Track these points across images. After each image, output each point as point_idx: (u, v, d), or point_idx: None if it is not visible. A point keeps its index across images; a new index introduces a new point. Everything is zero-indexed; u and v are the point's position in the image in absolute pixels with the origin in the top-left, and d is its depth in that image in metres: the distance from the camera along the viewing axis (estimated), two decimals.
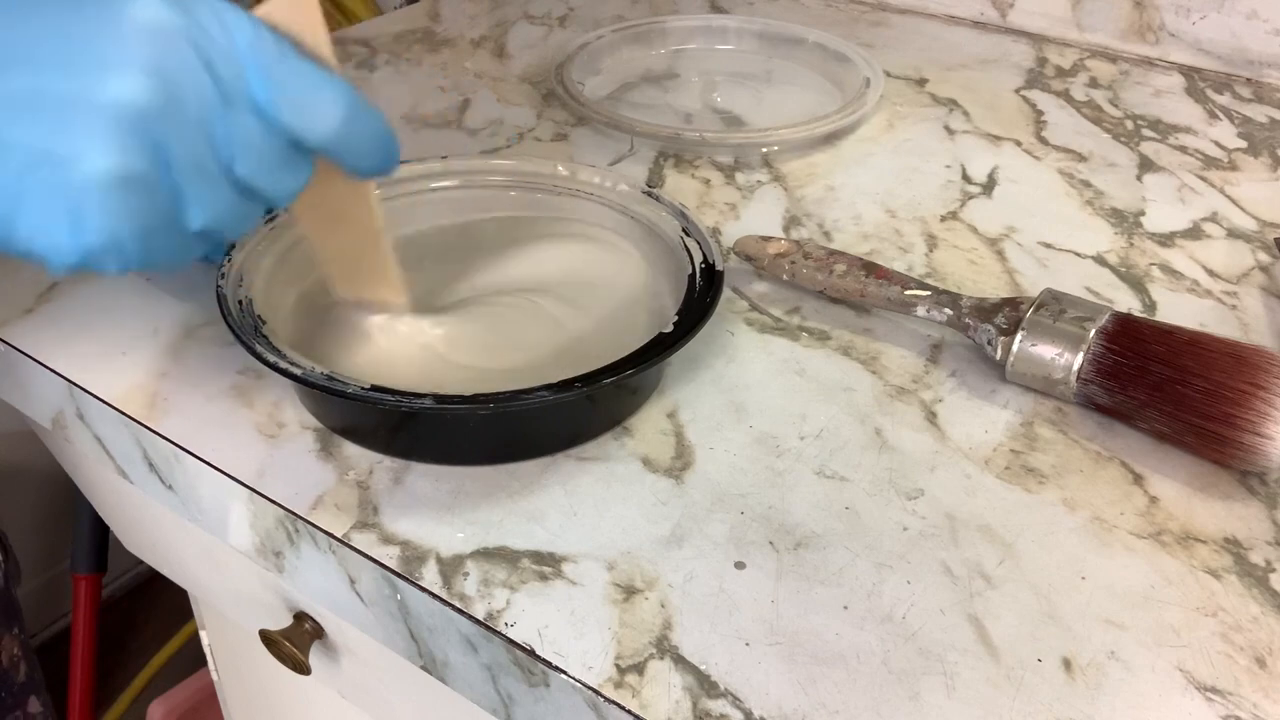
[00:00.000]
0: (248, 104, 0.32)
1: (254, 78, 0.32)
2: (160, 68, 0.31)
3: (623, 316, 0.47)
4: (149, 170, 0.31)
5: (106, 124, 0.30)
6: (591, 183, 0.52)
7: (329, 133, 0.34)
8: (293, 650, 0.49)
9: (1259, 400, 0.40)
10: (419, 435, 0.42)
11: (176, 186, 0.32)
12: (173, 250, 0.34)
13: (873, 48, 0.78)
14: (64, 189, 0.31)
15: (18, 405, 0.51)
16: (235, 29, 0.32)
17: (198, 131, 0.32)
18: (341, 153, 0.35)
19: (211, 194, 0.33)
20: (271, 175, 0.34)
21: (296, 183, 0.35)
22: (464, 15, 0.84)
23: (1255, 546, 0.39)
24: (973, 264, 0.54)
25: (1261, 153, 0.66)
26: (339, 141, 0.34)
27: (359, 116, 0.34)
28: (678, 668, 0.34)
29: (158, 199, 0.32)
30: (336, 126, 0.34)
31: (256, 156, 0.33)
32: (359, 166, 0.36)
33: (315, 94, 0.33)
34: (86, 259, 0.32)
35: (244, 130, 0.33)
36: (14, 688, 0.82)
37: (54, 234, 0.31)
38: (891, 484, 0.41)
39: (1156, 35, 0.78)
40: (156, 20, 0.31)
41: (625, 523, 0.39)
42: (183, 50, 0.31)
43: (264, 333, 0.41)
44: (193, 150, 0.32)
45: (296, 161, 0.34)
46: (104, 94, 0.30)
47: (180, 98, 0.31)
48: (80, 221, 0.31)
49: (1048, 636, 0.36)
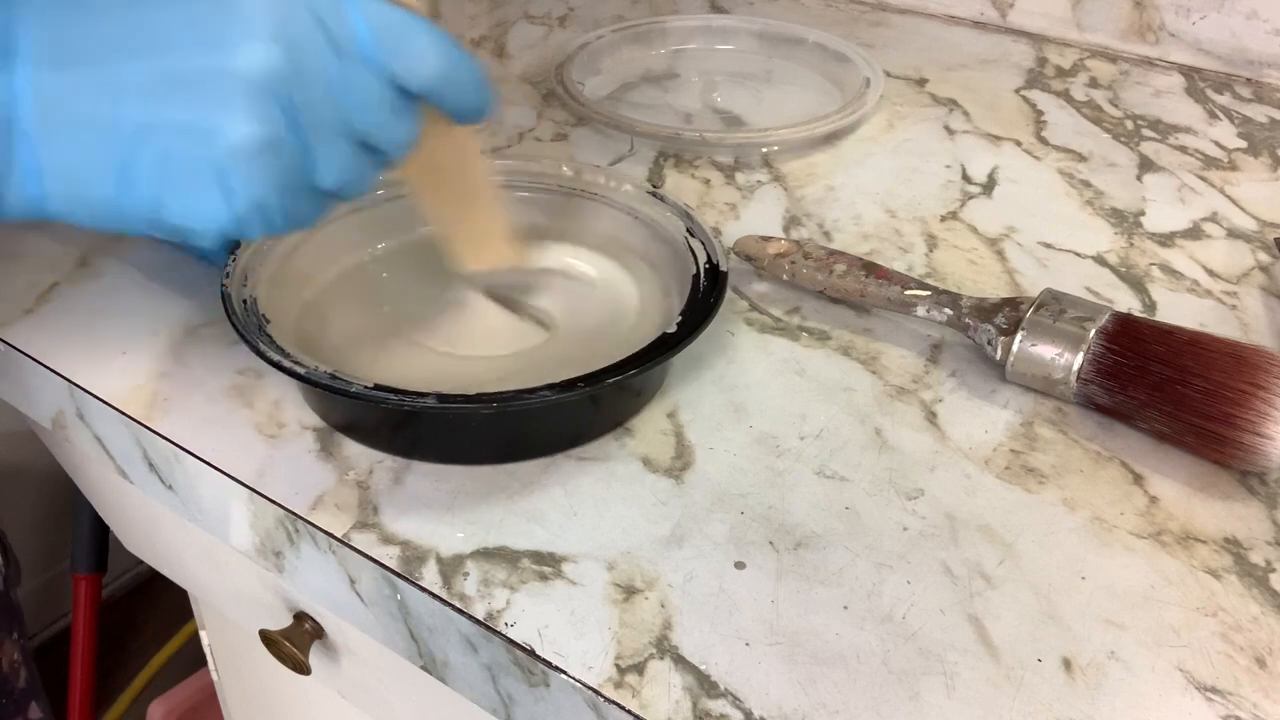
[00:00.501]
0: (359, 58, 0.34)
1: (361, 32, 0.34)
2: (282, 34, 0.32)
3: (626, 317, 0.47)
4: (284, 133, 0.33)
5: (242, 93, 0.32)
6: (596, 183, 0.52)
7: (432, 76, 0.35)
8: (293, 650, 0.49)
9: (1259, 400, 0.40)
10: (422, 434, 0.42)
11: (308, 146, 0.34)
12: (309, 210, 0.36)
13: (873, 48, 0.78)
14: (210, 161, 0.33)
15: (18, 405, 0.51)
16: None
17: (321, 89, 0.34)
18: (444, 95, 0.36)
19: (337, 151, 0.35)
20: (385, 123, 0.35)
21: (408, 131, 0.36)
22: (464, 15, 0.84)
23: (1255, 546, 0.39)
24: (973, 264, 0.54)
25: (1261, 153, 0.66)
26: (441, 84, 0.36)
27: (457, 60, 0.36)
28: (678, 668, 0.34)
29: (293, 160, 0.34)
30: (437, 70, 0.35)
31: (372, 106, 0.35)
32: (460, 108, 0.37)
33: (417, 41, 0.35)
34: (237, 225, 0.34)
35: (359, 82, 0.34)
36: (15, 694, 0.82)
37: (205, 205, 0.33)
38: (891, 484, 0.41)
39: (1156, 35, 0.78)
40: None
41: (625, 523, 0.39)
42: (300, 15, 0.33)
43: (268, 332, 0.41)
44: (318, 108, 0.34)
45: (405, 109, 0.36)
46: (236, 65, 0.32)
47: (303, 59, 0.33)
48: (229, 189, 0.33)
49: (1048, 636, 0.36)
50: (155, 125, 0.32)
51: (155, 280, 0.51)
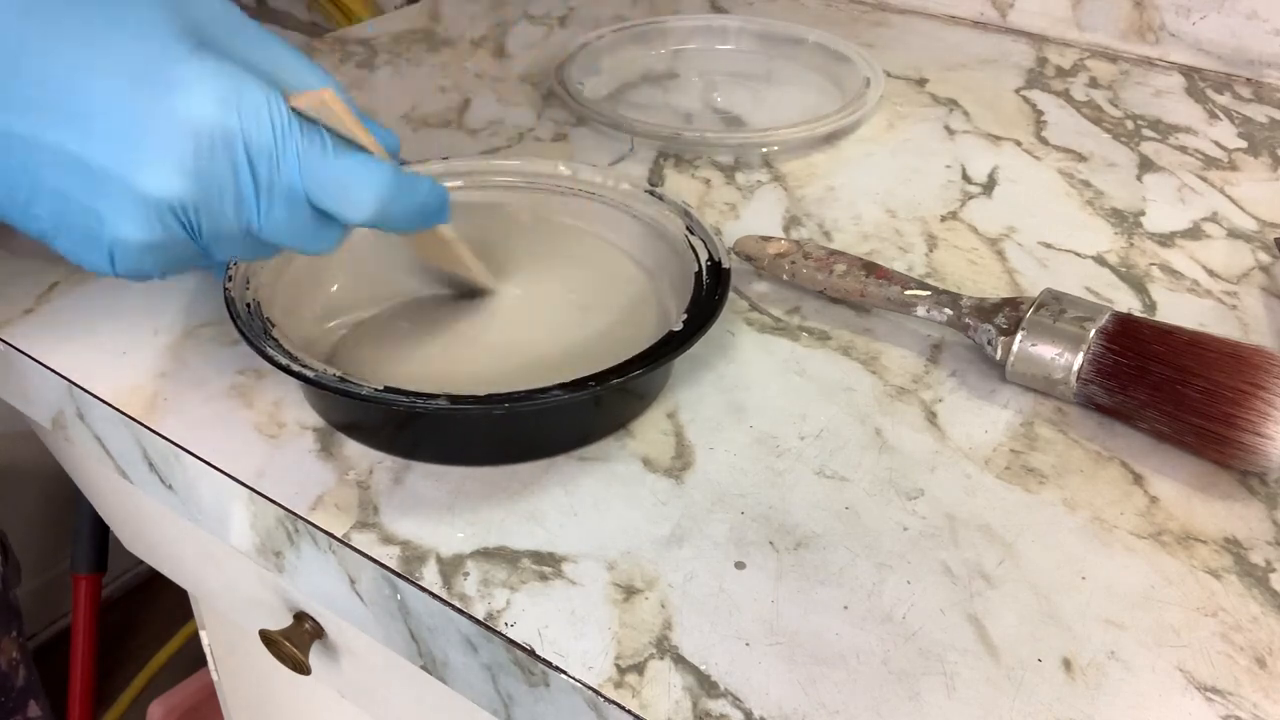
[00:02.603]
0: (284, 193, 0.34)
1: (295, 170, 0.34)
2: (200, 169, 0.33)
3: (629, 316, 0.47)
4: (174, 240, 0.34)
5: (138, 207, 0.33)
6: (594, 182, 0.52)
7: (367, 217, 0.36)
8: (293, 650, 0.49)
9: (1259, 400, 0.40)
10: (429, 435, 0.42)
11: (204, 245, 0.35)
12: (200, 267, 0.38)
13: (873, 48, 0.78)
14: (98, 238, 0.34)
15: (18, 405, 0.51)
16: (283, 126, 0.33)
17: (230, 216, 0.34)
18: (383, 226, 0.37)
19: (236, 248, 0.36)
20: (303, 242, 0.36)
21: (326, 247, 0.37)
22: (464, 15, 0.84)
23: (1255, 546, 0.39)
24: (973, 264, 0.54)
25: (1261, 153, 0.66)
26: (378, 220, 0.36)
27: (397, 197, 0.36)
28: (678, 668, 0.34)
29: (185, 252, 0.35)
30: (374, 211, 0.36)
31: (288, 231, 0.35)
32: (405, 230, 0.38)
33: (353, 186, 0.35)
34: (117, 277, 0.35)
35: (279, 213, 0.35)
36: (13, 691, 0.82)
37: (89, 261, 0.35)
38: (891, 484, 0.41)
39: (1156, 35, 0.78)
40: (205, 120, 0.32)
41: (625, 523, 0.39)
42: (226, 151, 0.33)
43: (274, 335, 0.41)
44: (223, 227, 0.35)
45: (330, 230, 0.37)
46: (140, 183, 0.32)
47: (216, 194, 0.33)
48: (112, 261, 0.34)
49: (1048, 636, 0.36)
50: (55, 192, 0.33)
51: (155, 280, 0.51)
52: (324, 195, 0.35)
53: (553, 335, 0.47)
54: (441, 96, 0.71)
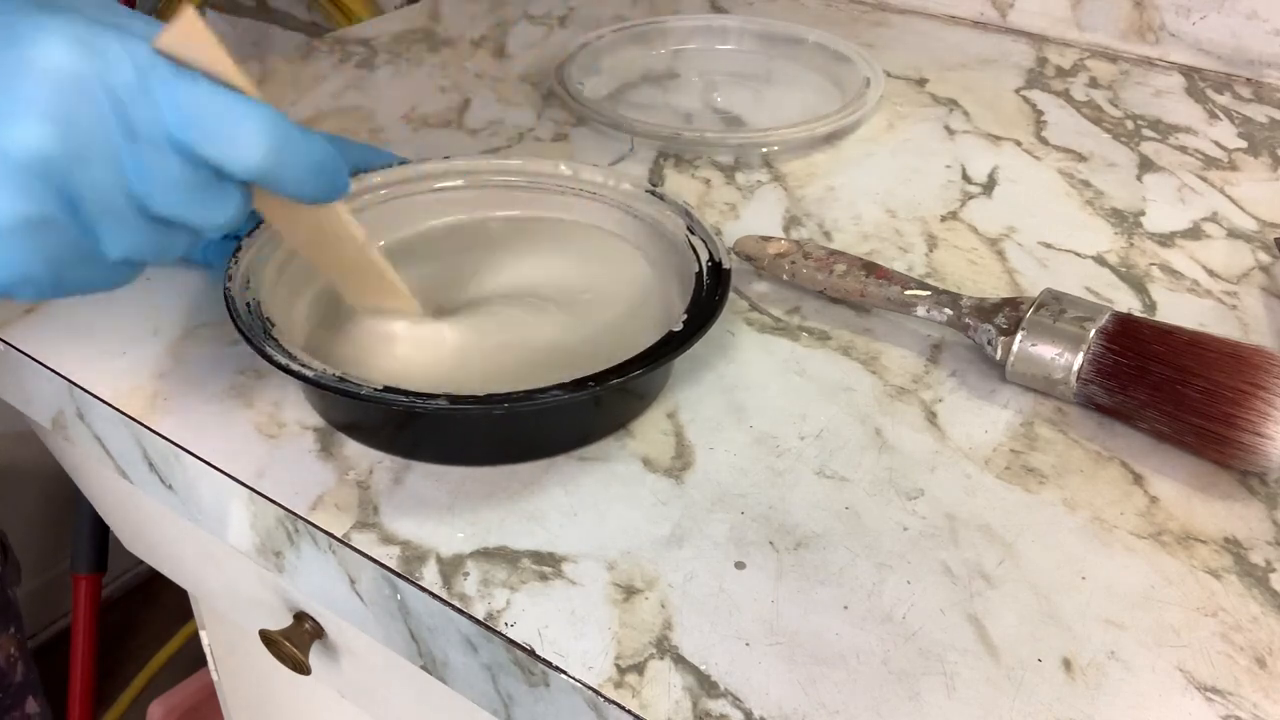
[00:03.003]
0: (164, 141, 0.32)
1: (169, 113, 0.31)
2: (64, 114, 0.30)
3: (629, 316, 0.47)
4: (55, 213, 0.31)
5: (8, 172, 0.30)
6: (595, 182, 0.52)
7: (255, 164, 0.32)
8: (293, 650, 0.49)
9: (1259, 400, 0.40)
10: (429, 435, 0.42)
11: (88, 224, 0.32)
12: (93, 279, 0.34)
13: (873, 48, 0.78)
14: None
15: (18, 405, 0.51)
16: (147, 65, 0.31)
17: (108, 173, 0.31)
18: (274, 183, 0.33)
19: (127, 230, 0.33)
20: (195, 209, 0.33)
21: (226, 213, 0.34)
22: (464, 15, 0.84)
23: (1255, 546, 0.39)
24: (973, 264, 0.54)
25: (1261, 153, 0.66)
26: (269, 172, 0.33)
27: (289, 144, 0.33)
28: (678, 668, 0.34)
29: (68, 236, 0.32)
30: (262, 157, 0.32)
31: (175, 192, 0.32)
32: (300, 195, 0.34)
33: (236, 125, 0.32)
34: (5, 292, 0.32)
35: (160, 168, 0.32)
36: (11, 688, 0.82)
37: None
38: (891, 484, 0.41)
39: (1156, 35, 0.78)
40: (61, 65, 0.30)
41: (625, 523, 0.39)
42: (88, 95, 0.31)
43: (273, 335, 0.41)
44: (103, 191, 0.31)
45: (223, 193, 0.33)
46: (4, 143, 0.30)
47: (86, 143, 0.31)
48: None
49: (1048, 636, 0.36)
50: None
51: (155, 280, 0.51)
52: (204, 139, 0.32)
53: (556, 335, 0.47)
54: (441, 96, 0.71)
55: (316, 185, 0.35)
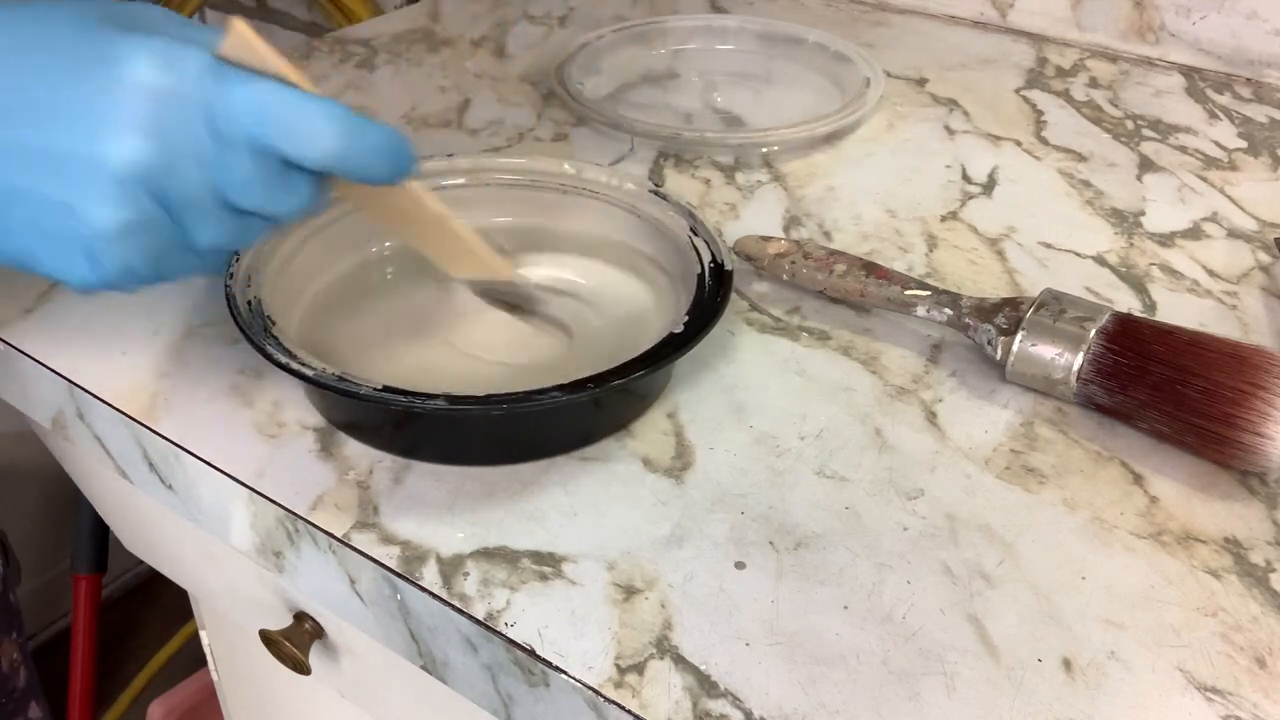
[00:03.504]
0: (242, 142, 0.34)
1: (245, 116, 0.33)
2: (156, 127, 0.33)
3: (630, 316, 0.47)
4: (151, 216, 0.34)
5: (108, 182, 0.33)
6: (598, 181, 0.52)
7: (327, 154, 0.35)
8: (293, 650, 0.49)
9: (1259, 400, 0.40)
10: (427, 434, 0.42)
11: (181, 221, 0.35)
12: (187, 266, 0.36)
13: (873, 48, 0.78)
14: (76, 237, 0.33)
15: (18, 405, 0.51)
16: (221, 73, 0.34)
17: (196, 177, 0.34)
18: (345, 169, 0.35)
19: (215, 223, 0.35)
20: (271, 200, 0.35)
21: (298, 201, 0.36)
22: (464, 15, 0.84)
23: (1255, 546, 0.39)
24: (973, 264, 0.54)
25: (1261, 153, 0.66)
26: (339, 160, 0.35)
27: (357, 133, 0.35)
28: (678, 668, 0.34)
29: (163, 234, 0.34)
30: (331, 146, 0.34)
31: (254, 188, 0.35)
32: (370, 178, 0.36)
33: (305, 120, 0.34)
34: (105, 286, 0.35)
35: (239, 166, 0.34)
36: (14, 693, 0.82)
37: (73, 269, 0.34)
38: (891, 484, 0.41)
39: (1156, 35, 0.78)
40: (149, 81, 0.33)
41: (625, 523, 0.39)
42: (176, 107, 0.33)
43: (274, 333, 0.41)
44: (192, 192, 0.34)
45: (295, 182, 0.35)
46: (104, 155, 0.32)
47: (176, 151, 0.33)
48: (96, 261, 0.34)
49: (1048, 636, 0.36)
50: (25, 193, 0.33)
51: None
52: (280, 135, 0.34)
53: (553, 336, 0.47)
54: (441, 96, 0.71)
55: (385, 167, 0.37)
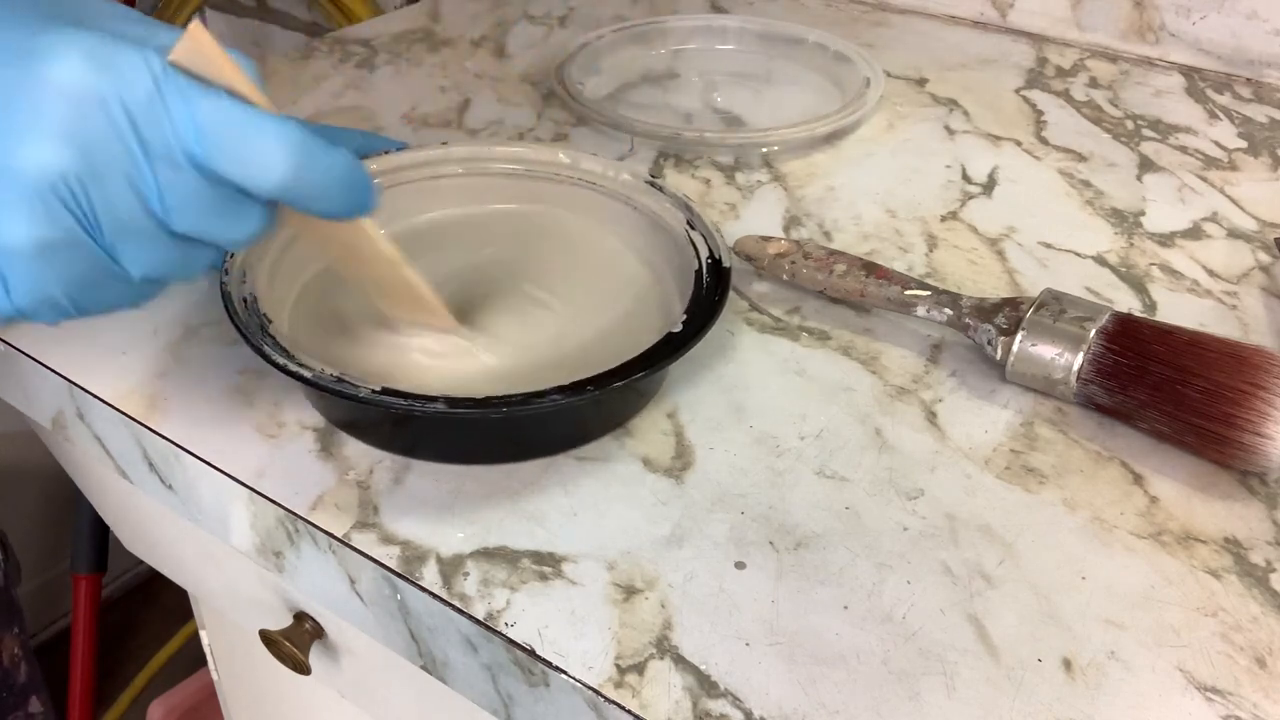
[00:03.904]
0: (183, 157, 0.31)
1: (186, 130, 0.30)
2: (79, 133, 0.29)
3: (628, 313, 0.47)
4: (72, 236, 0.30)
5: (23, 193, 0.29)
6: (594, 172, 0.52)
7: (276, 181, 0.31)
8: (293, 650, 0.49)
9: (1259, 400, 0.40)
10: (426, 435, 0.42)
11: (108, 244, 0.31)
12: (115, 298, 0.33)
13: (873, 48, 0.78)
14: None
15: (18, 405, 0.51)
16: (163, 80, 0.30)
17: (125, 192, 0.30)
18: (297, 200, 0.32)
19: (148, 249, 0.32)
20: (216, 225, 0.32)
21: (249, 229, 0.33)
22: (464, 15, 0.84)
23: (1255, 546, 0.39)
24: (973, 264, 0.54)
25: (1261, 153, 0.66)
26: (291, 189, 0.32)
27: (312, 160, 0.32)
28: (678, 668, 0.34)
29: (87, 257, 0.31)
30: (283, 174, 0.31)
31: (195, 209, 0.31)
32: (324, 211, 0.33)
33: (255, 142, 0.31)
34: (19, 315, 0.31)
35: (178, 185, 0.31)
36: (15, 688, 0.82)
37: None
38: (891, 484, 0.41)
39: (1156, 35, 0.78)
40: (75, 82, 0.29)
41: (625, 523, 0.39)
42: (104, 113, 0.30)
43: (270, 332, 0.41)
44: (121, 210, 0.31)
45: (245, 208, 0.32)
46: (19, 162, 0.29)
47: (102, 164, 0.30)
48: (7, 286, 0.30)
49: (1048, 636, 0.36)
50: None
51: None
52: (225, 157, 0.30)
53: (555, 331, 0.46)
54: (441, 96, 0.71)
55: (341, 201, 0.33)
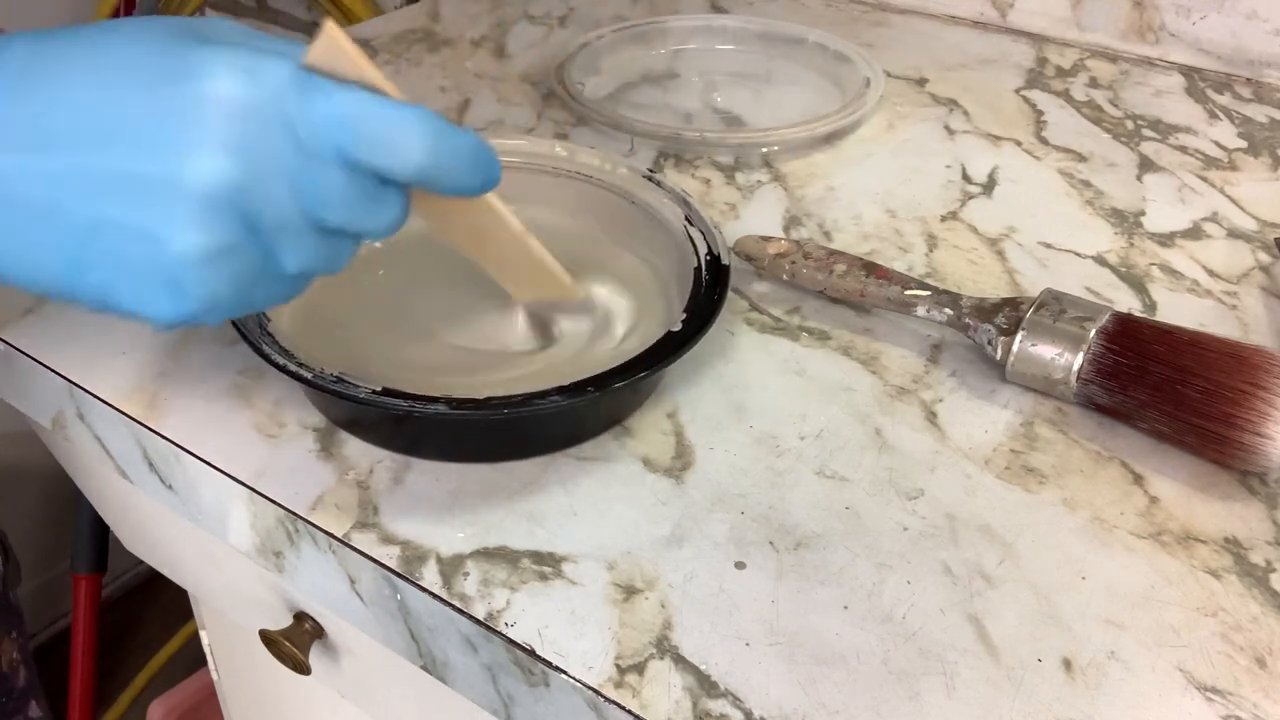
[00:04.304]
0: (331, 156, 0.32)
1: (332, 129, 0.32)
2: (240, 144, 0.31)
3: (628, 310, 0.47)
4: (238, 239, 0.32)
5: (192, 204, 0.31)
6: (591, 165, 0.52)
7: (416, 165, 0.33)
8: (293, 650, 0.49)
9: (1259, 400, 0.40)
10: (426, 435, 0.42)
11: (268, 245, 0.33)
12: (273, 293, 0.35)
13: (873, 48, 0.78)
14: (159, 265, 0.32)
15: (18, 405, 0.51)
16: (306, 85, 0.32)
17: (283, 195, 0.32)
18: (435, 181, 0.34)
19: (302, 246, 0.34)
20: (361, 217, 0.34)
21: (390, 217, 0.35)
22: (464, 15, 0.84)
23: (1255, 546, 0.39)
24: (973, 264, 0.54)
25: (1261, 153, 0.66)
26: (430, 171, 0.34)
27: (444, 142, 0.34)
28: (678, 668, 0.34)
29: (249, 260, 0.33)
30: (423, 157, 0.33)
31: (342, 203, 0.33)
32: (458, 189, 0.35)
33: (394, 130, 0.33)
34: (189, 319, 0.33)
35: (328, 184, 0.33)
36: (14, 692, 0.82)
37: (154, 304, 0.32)
38: (891, 484, 0.41)
39: (1156, 35, 0.78)
40: (232, 96, 0.31)
41: (625, 523, 0.39)
42: (260, 122, 0.31)
43: (269, 331, 0.41)
44: (280, 209, 0.32)
45: (386, 197, 0.34)
46: (187, 175, 0.31)
47: (262, 169, 0.32)
48: (178, 292, 0.32)
49: (1048, 636, 0.36)
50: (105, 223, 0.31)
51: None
52: (369, 147, 0.33)
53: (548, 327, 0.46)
54: (441, 96, 0.71)
55: (473, 177, 0.35)
